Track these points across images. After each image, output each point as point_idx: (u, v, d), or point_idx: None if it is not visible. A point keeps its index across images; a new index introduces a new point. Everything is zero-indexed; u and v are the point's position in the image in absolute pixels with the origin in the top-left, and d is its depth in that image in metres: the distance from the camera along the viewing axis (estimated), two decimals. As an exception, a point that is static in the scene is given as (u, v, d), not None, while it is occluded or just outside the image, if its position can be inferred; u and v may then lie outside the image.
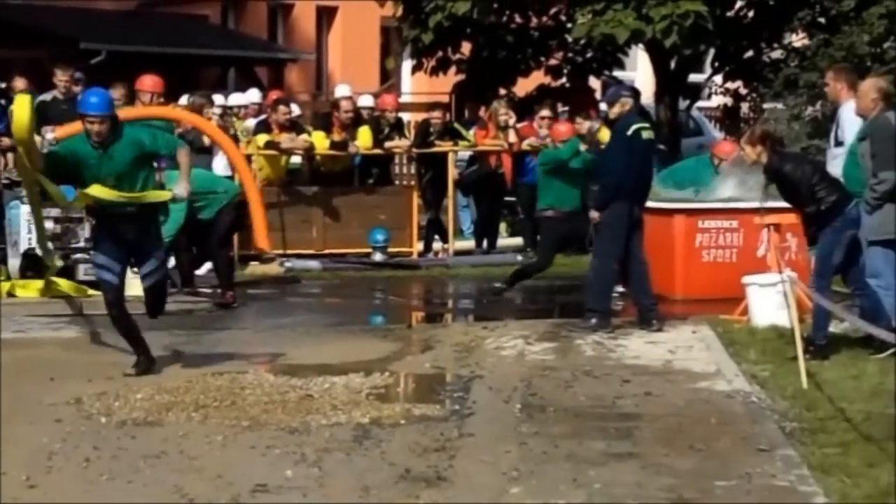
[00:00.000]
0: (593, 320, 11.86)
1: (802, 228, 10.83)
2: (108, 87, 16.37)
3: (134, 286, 10.27)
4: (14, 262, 14.38)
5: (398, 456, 7.53)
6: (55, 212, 14.66)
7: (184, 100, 16.89)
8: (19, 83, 17.22)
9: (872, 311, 10.30)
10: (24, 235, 14.30)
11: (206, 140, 16.13)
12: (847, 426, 8.13)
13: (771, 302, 11.42)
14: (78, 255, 14.39)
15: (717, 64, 20.62)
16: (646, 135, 12.10)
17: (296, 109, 18.45)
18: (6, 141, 16.85)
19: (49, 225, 14.53)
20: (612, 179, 11.92)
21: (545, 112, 17.67)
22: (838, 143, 11.93)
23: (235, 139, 16.60)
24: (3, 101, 17.08)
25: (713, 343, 11.19)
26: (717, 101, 22.54)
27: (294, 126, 17.13)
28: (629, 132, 11.93)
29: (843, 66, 13.64)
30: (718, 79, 21.07)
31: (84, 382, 9.42)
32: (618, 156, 11.94)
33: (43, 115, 16.53)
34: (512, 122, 17.57)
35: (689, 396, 9.20)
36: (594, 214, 12.05)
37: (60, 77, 16.54)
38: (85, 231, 14.61)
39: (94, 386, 9.29)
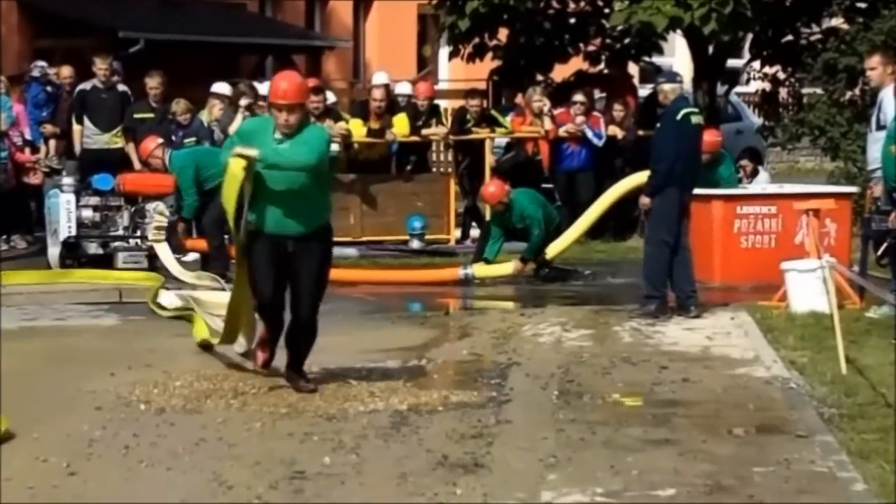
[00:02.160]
0: (652, 307, 11.83)
1: None
2: (146, 75, 16.58)
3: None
4: (54, 251, 14.46)
5: (435, 442, 7.54)
6: (94, 200, 14.76)
7: (217, 87, 16.92)
8: (65, 71, 17.36)
9: None
10: (64, 224, 14.39)
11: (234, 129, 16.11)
12: (887, 412, 8.09)
13: (810, 288, 11.38)
14: (117, 244, 14.48)
15: (754, 49, 20.50)
16: (695, 119, 12.07)
17: (332, 97, 18.46)
18: (49, 128, 17.01)
19: (88, 213, 14.63)
20: (663, 165, 11.86)
21: (580, 98, 17.64)
22: (880, 127, 11.87)
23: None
24: (49, 89, 17.24)
25: (751, 329, 11.15)
26: (756, 86, 22.41)
27: (331, 113, 17.16)
28: (678, 117, 11.88)
29: (890, 49, 13.55)
30: (757, 64, 20.95)
31: (124, 370, 9.47)
32: (668, 141, 11.88)
33: (83, 104, 16.71)
34: (546, 108, 17.53)
35: (727, 383, 9.18)
36: (645, 200, 11.99)
37: (100, 66, 16.67)
38: (123, 219, 14.70)
39: (134, 373, 9.34)
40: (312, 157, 8.55)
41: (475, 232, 17.56)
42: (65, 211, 14.43)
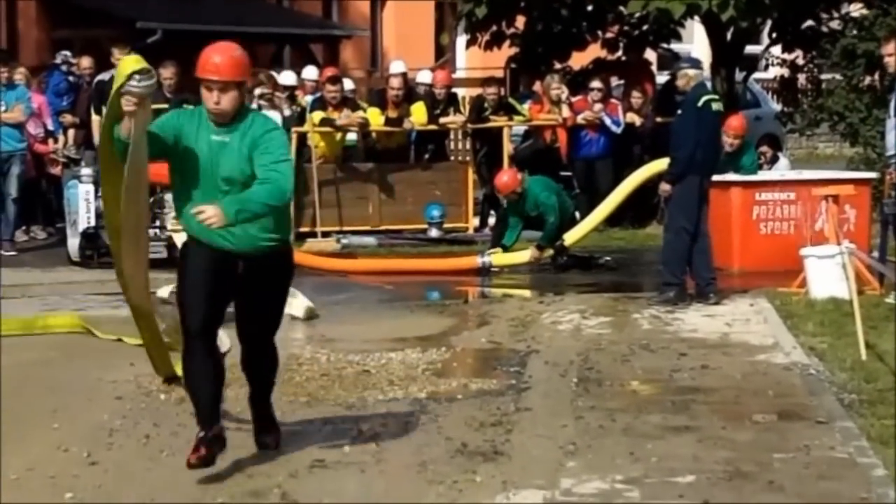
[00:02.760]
0: (671, 294, 11.82)
1: None
2: (159, 66, 16.59)
3: None
4: (73, 242, 14.49)
5: (455, 430, 7.54)
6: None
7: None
8: (85, 62, 17.43)
9: None
10: (84, 215, 14.41)
11: None
12: (907, 398, 8.08)
13: (829, 274, 11.36)
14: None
15: (774, 35, 20.44)
16: (715, 106, 12.06)
17: (350, 85, 18.47)
18: (69, 118, 17.07)
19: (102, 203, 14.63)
20: (683, 152, 11.82)
21: (597, 85, 17.62)
22: (899, 113, 11.82)
23: (301, 117, 16.71)
24: (70, 78, 17.31)
25: (771, 316, 11.13)
26: (774, 72, 22.34)
27: (349, 103, 17.18)
28: (699, 104, 11.86)
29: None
30: (776, 50, 20.88)
31: (144, 359, 9.46)
32: (688, 128, 11.84)
33: (101, 94, 16.74)
34: (564, 96, 17.50)
35: (747, 369, 9.17)
36: (666, 188, 11.96)
37: (118, 56, 16.66)
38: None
39: (154, 363, 9.34)
40: (251, 163, 6.59)
41: (494, 220, 17.56)
42: (84, 201, 14.46)
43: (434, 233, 16.75)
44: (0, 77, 15.83)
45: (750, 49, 20.82)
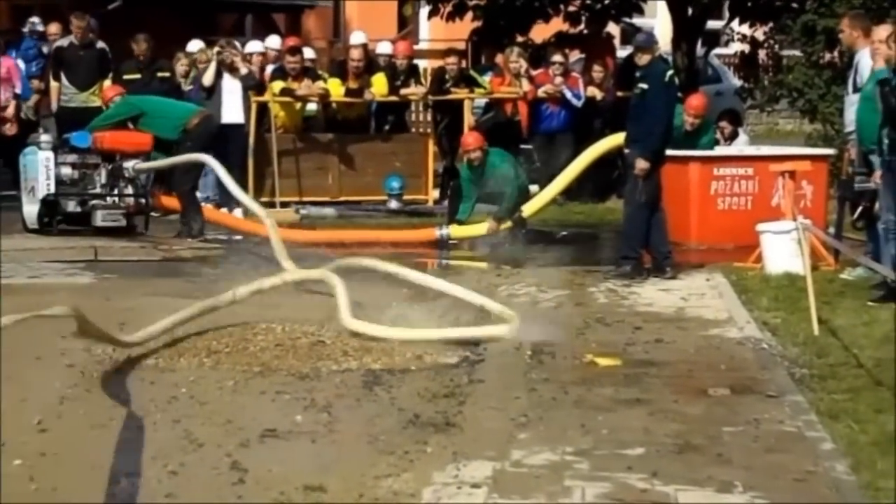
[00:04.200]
0: (627, 268, 11.83)
1: None
2: (127, 36, 16.56)
3: None
4: (31, 209, 14.39)
5: (408, 402, 7.56)
6: (72, 158, 14.69)
7: (192, 45, 16.96)
8: (52, 28, 17.37)
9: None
10: (43, 182, 14.31)
11: (207, 80, 16.03)
12: (857, 372, 8.15)
13: (785, 249, 11.42)
14: (95, 202, 14.42)
15: (734, 10, 20.48)
16: (676, 80, 12.10)
17: (311, 54, 18.40)
18: (36, 83, 17.00)
19: (66, 171, 14.55)
20: (661, 127, 11.78)
21: (558, 58, 17.62)
22: (857, 90, 11.87)
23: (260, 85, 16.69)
24: (40, 45, 17.25)
25: (726, 290, 11.18)
26: (735, 47, 22.39)
27: (309, 73, 17.12)
28: (666, 79, 11.85)
29: (858, 12, 13.60)
30: (736, 25, 20.93)
31: (97, 328, 9.44)
32: (660, 103, 11.79)
33: (59, 61, 16.66)
34: (523, 69, 17.47)
35: (700, 343, 9.21)
36: (644, 165, 11.67)
37: (77, 24, 16.63)
38: (101, 177, 14.65)
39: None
40: None
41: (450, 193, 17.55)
42: (43, 168, 14.35)
43: (394, 204, 16.74)
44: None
45: (711, 24, 20.85)
